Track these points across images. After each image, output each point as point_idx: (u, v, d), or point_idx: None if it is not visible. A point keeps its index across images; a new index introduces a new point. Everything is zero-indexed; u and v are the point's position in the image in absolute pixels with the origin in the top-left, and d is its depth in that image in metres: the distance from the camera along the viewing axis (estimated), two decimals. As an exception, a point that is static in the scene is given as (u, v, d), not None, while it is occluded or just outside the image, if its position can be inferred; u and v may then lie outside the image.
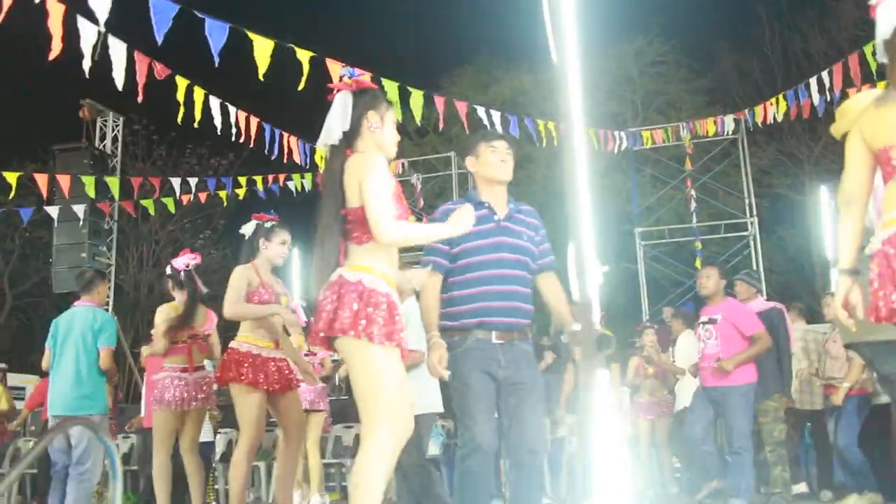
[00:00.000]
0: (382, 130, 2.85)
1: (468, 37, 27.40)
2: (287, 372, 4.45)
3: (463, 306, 3.19)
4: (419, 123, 7.53)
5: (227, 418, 8.57)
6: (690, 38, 17.74)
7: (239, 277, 4.34)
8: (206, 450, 6.76)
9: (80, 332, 4.99)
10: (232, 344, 4.47)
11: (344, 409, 9.28)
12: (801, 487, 6.57)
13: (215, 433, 8.15)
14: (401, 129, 3.08)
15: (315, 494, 6.34)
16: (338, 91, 2.86)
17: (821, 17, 18.46)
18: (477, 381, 3.09)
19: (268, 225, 4.55)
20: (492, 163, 3.30)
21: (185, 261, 5.29)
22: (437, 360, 3.06)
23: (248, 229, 4.59)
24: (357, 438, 8.54)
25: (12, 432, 9.42)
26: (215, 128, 6.45)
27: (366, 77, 2.89)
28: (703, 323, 5.61)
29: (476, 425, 3.04)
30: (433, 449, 4.42)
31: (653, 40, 19.17)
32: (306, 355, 5.76)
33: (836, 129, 3.37)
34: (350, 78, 2.86)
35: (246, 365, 4.30)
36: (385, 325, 2.62)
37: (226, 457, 8.62)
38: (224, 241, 20.10)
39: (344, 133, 2.80)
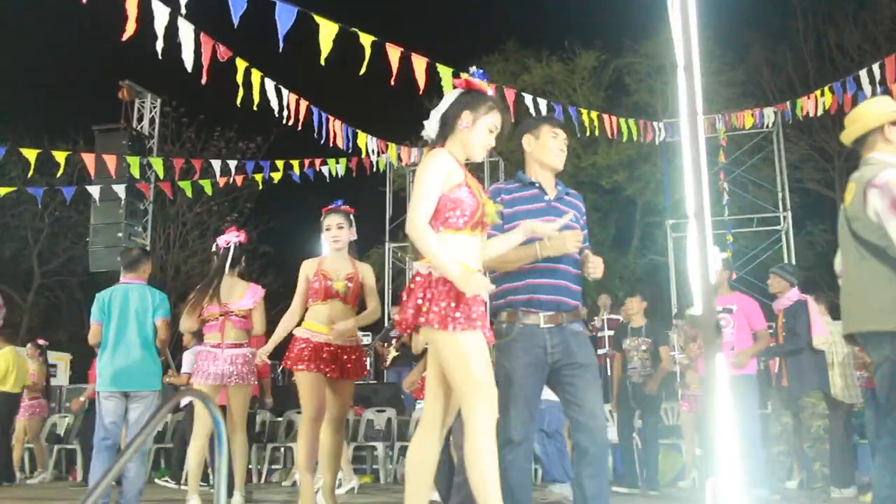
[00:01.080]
0: (471, 131, 2.90)
1: (497, 24, 27.34)
2: (344, 358, 4.54)
3: (511, 283, 3.19)
4: None
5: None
6: (723, 30, 17.56)
7: (301, 273, 4.68)
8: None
9: (137, 309, 4.95)
10: (294, 331, 4.63)
11: (375, 393, 9.40)
12: (849, 492, 6.07)
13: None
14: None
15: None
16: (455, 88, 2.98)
17: (857, 9, 18.23)
18: (521, 376, 3.09)
19: (321, 219, 4.74)
20: (552, 148, 3.30)
21: (228, 238, 5.34)
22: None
23: None
24: (389, 422, 8.66)
25: (48, 407, 9.58)
26: (260, 109, 6.47)
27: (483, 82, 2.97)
28: (718, 312, 5.80)
29: (509, 419, 3.06)
30: None
31: (685, 31, 18.96)
32: None
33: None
34: (472, 77, 2.96)
35: (301, 351, 4.48)
36: (449, 313, 2.71)
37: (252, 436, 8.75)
38: (250, 224, 20.21)
39: (441, 128, 2.91)
